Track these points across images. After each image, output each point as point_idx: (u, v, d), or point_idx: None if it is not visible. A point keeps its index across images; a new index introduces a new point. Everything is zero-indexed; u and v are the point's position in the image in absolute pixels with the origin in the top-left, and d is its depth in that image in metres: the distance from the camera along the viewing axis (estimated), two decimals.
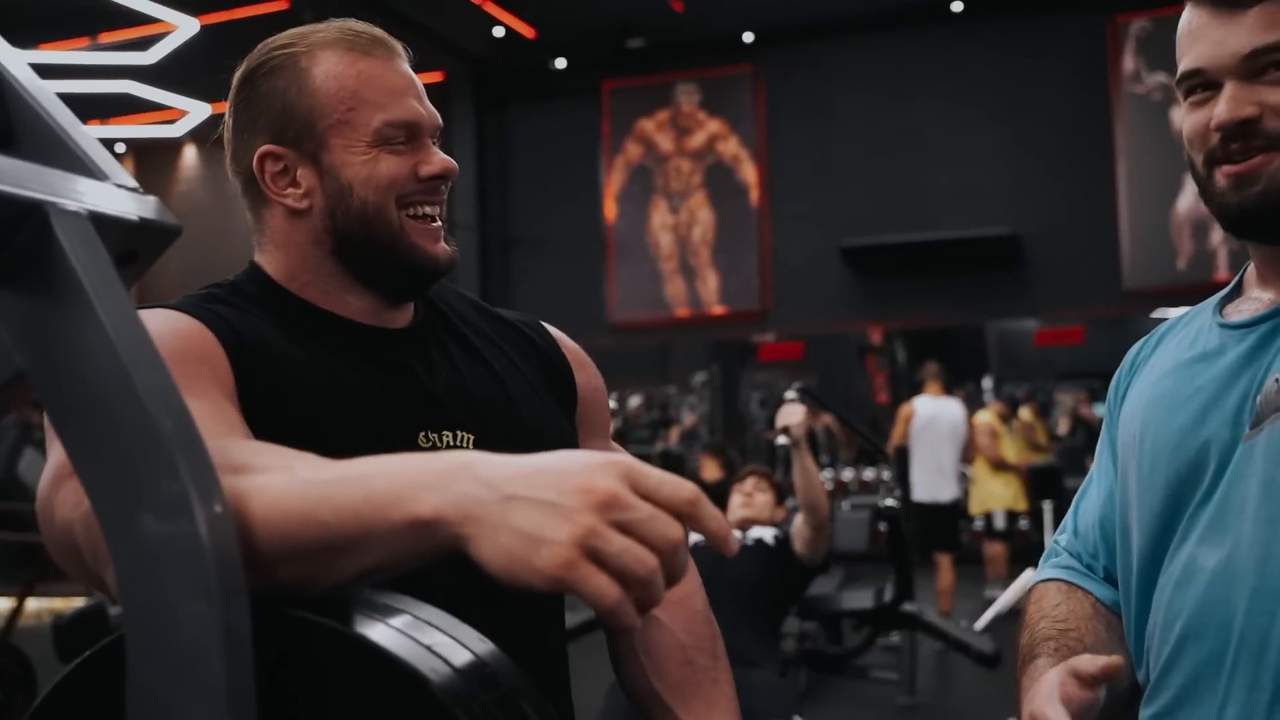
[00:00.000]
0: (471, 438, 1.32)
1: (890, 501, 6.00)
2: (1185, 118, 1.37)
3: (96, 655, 0.95)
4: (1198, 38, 1.32)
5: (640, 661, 1.47)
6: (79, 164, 1.05)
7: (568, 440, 1.41)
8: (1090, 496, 1.59)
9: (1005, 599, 4.27)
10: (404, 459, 0.97)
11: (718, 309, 14.21)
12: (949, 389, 9.27)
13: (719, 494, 5.69)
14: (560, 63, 14.39)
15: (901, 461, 8.10)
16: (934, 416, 8.67)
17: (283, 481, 1.03)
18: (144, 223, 1.04)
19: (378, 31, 1.38)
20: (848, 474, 12.41)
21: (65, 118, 1.09)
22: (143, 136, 14.38)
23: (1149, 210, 12.24)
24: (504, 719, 0.87)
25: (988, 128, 12.96)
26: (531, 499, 0.86)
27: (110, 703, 0.89)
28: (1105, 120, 12.63)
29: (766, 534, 4.32)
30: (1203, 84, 1.33)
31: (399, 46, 1.38)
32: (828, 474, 11.86)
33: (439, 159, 1.36)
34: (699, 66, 14.22)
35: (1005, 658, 4.47)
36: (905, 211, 13.25)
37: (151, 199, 1.09)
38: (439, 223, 1.38)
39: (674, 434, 14.60)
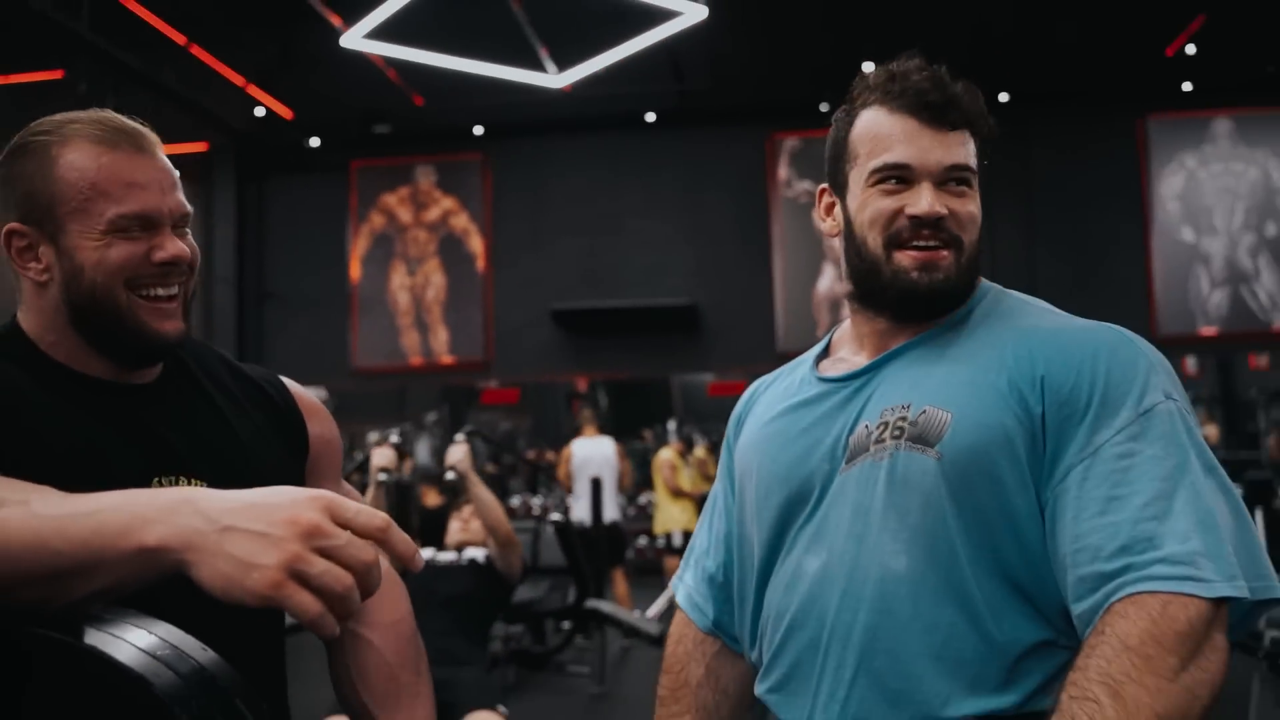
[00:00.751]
0: (204, 483, 1.26)
1: (556, 517, 6.14)
2: (870, 202, 1.39)
3: None
4: (906, 140, 1.36)
5: (352, 678, 1.44)
6: None
7: (286, 480, 1.38)
8: (718, 513, 1.64)
9: (668, 595, 4.43)
10: (131, 494, 0.95)
11: (447, 358, 14.04)
12: (603, 430, 9.69)
13: (439, 518, 5.61)
14: (315, 141, 14.00)
15: (595, 491, 8.20)
16: (589, 455, 8.99)
17: (18, 515, 0.98)
18: None
19: (130, 126, 1.30)
20: (516, 500, 12.49)
21: None
22: None
23: (797, 289, 12.81)
24: (221, 717, 0.86)
25: (673, 216, 13.31)
26: (245, 529, 0.88)
27: None
28: (764, 216, 13.14)
29: (479, 554, 4.32)
30: (899, 177, 1.36)
31: (148, 140, 1.31)
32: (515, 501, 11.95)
33: (172, 247, 1.29)
34: (436, 152, 14.08)
35: None
36: (605, 282, 13.43)
37: None
38: (173, 303, 1.30)
39: (408, 465, 14.31)
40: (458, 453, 4.34)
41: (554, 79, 10.29)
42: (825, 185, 1.50)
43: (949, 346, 1.39)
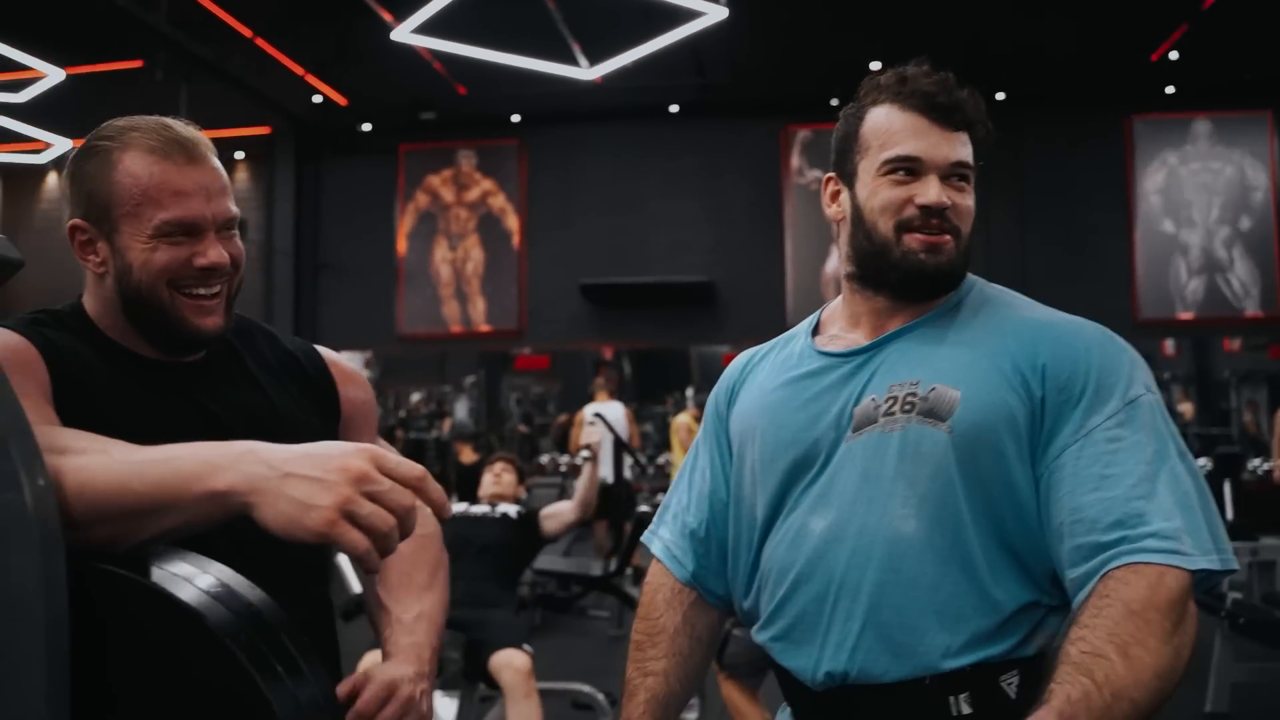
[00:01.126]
0: None
1: (585, 454, 6.17)
2: (881, 190, 1.40)
3: None
4: (916, 135, 1.38)
5: (375, 580, 1.48)
6: None
7: None
8: (699, 472, 1.64)
9: None
10: (200, 445, 1.01)
11: (484, 327, 14.10)
12: (614, 395, 9.70)
13: (473, 474, 5.67)
14: (366, 126, 14.02)
15: (617, 452, 8.26)
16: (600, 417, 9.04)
17: (101, 460, 1.04)
18: None
19: (185, 135, 1.31)
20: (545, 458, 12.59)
21: None
22: (12, 162, 13.43)
23: (807, 269, 12.81)
24: (266, 648, 0.89)
25: (693, 199, 13.30)
26: (303, 475, 0.93)
27: None
28: (778, 201, 13.12)
29: (511, 509, 4.36)
30: (909, 169, 1.38)
31: (200, 150, 1.31)
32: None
33: (213, 253, 1.30)
34: (476, 138, 14.08)
35: None
36: (630, 258, 13.44)
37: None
38: (214, 300, 1.32)
39: (446, 424, 14.40)
40: (596, 434, 4.48)
41: (586, 72, 10.28)
42: (832, 174, 1.52)
43: (949, 330, 1.42)
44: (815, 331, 1.57)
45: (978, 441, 1.31)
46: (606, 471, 8.66)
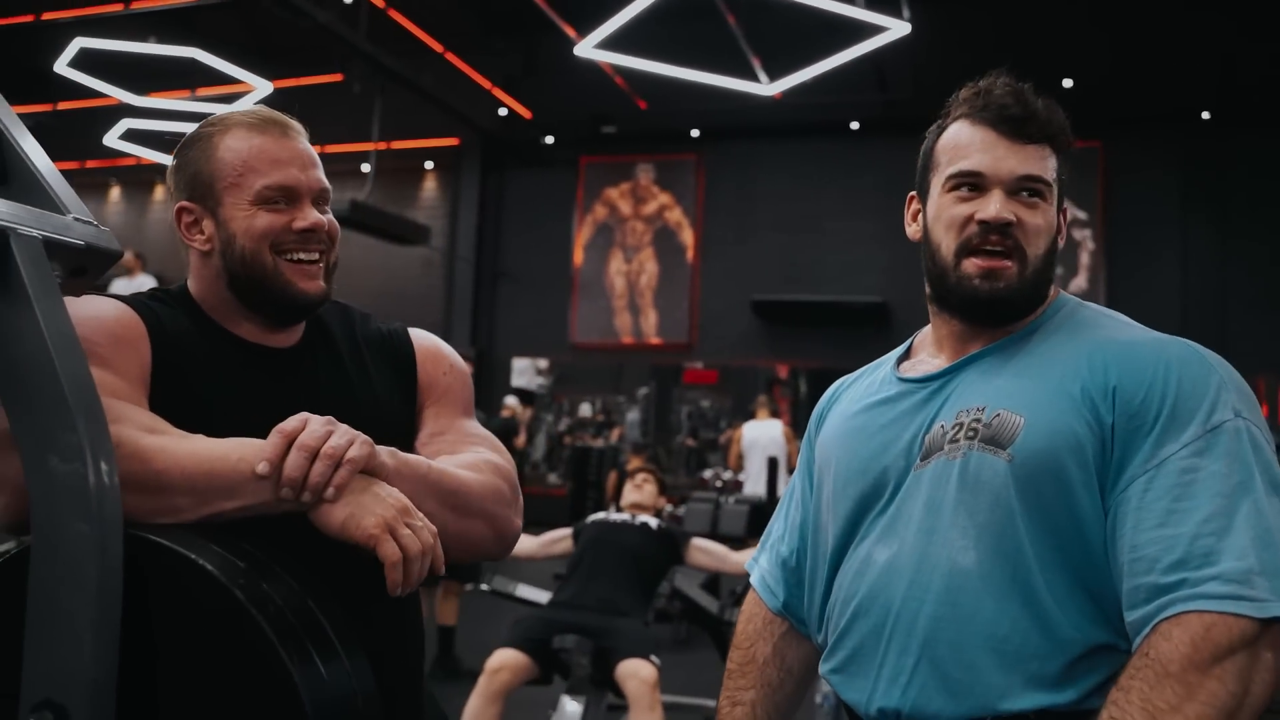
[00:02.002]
0: None
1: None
2: (947, 207, 1.35)
3: (9, 559, 1.01)
4: (983, 149, 1.32)
5: None
6: (48, 201, 1.11)
7: (397, 426, 1.43)
8: (795, 502, 1.61)
9: None
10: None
11: (655, 339, 14.25)
12: (774, 414, 9.77)
13: None
14: (549, 139, 14.41)
15: (772, 470, 8.24)
16: (756, 437, 9.02)
17: (190, 442, 1.13)
18: (89, 246, 1.10)
19: (279, 115, 1.39)
20: (709, 473, 12.46)
21: (45, 165, 1.15)
22: None
23: None
24: (292, 616, 0.94)
25: (869, 218, 13.06)
26: (361, 488, 1.13)
27: (16, 592, 0.95)
28: None
29: (651, 520, 4.38)
30: (972, 184, 1.33)
31: (292, 126, 1.39)
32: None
33: (311, 216, 1.36)
34: (655, 152, 14.28)
35: None
36: (803, 276, 13.33)
37: (100, 229, 1.15)
38: (315, 265, 1.37)
39: (615, 433, 14.61)
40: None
41: (765, 87, 10.26)
42: (913, 193, 1.47)
43: (1024, 354, 1.34)
44: (907, 356, 1.52)
45: (1041, 470, 1.22)
46: (759, 488, 8.63)
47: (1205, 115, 11.62)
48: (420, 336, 1.55)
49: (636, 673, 3.61)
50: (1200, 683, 1.07)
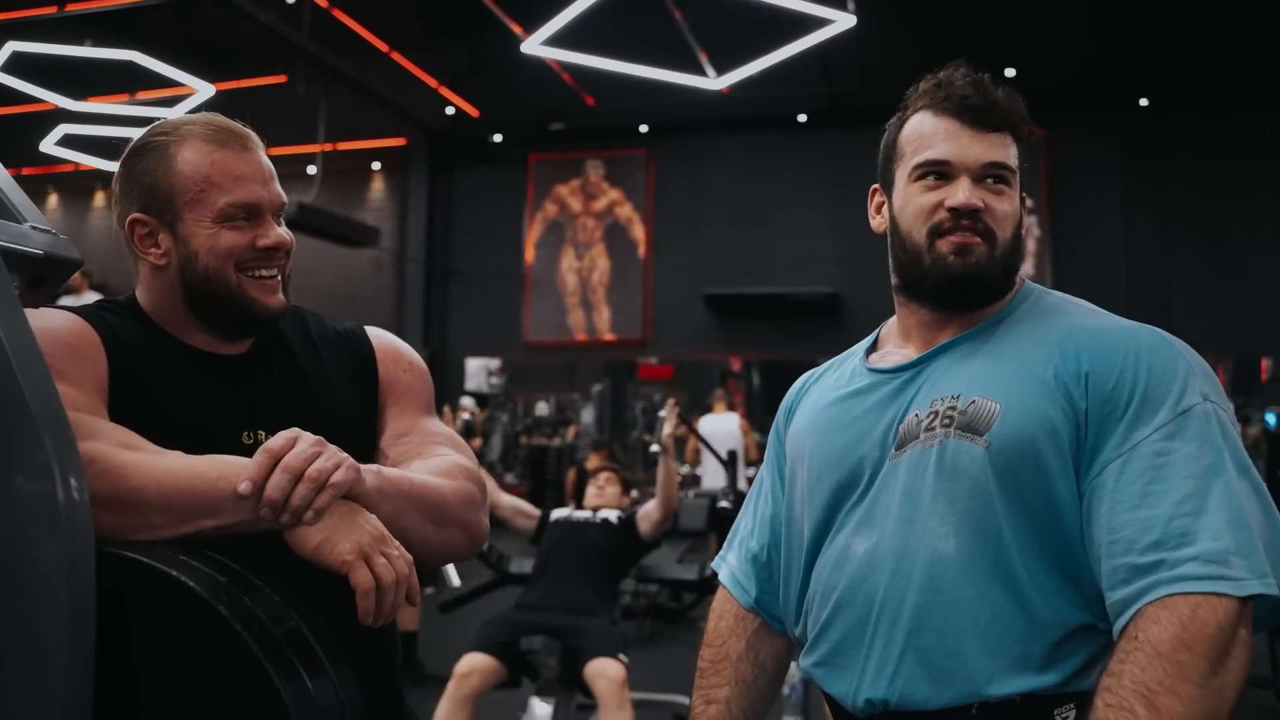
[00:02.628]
0: None
1: (724, 504, 6.16)
2: (914, 196, 1.37)
3: None
4: (947, 138, 1.34)
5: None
6: (3, 209, 1.07)
7: (359, 426, 1.42)
8: (763, 497, 1.61)
9: None
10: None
11: (609, 335, 14.23)
12: (730, 408, 9.78)
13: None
14: (497, 137, 14.33)
15: (732, 464, 8.26)
16: (713, 430, 9.09)
17: (167, 459, 1.10)
18: (48, 256, 1.07)
19: (237, 127, 1.36)
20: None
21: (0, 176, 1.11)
22: None
23: None
24: (277, 631, 0.91)
25: (819, 210, 13.15)
26: (338, 514, 1.11)
27: None
28: None
29: (611, 515, 4.37)
30: (939, 173, 1.35)
31: (251, 138, 1.36)
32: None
33: (274, 234, 1.34)
34: (605, 148, 14.26)
35: None
36: (755, 269, 13.38)
37: (59, 237, 1.11)
38: (275, 280, 1.36)
39: (571, 431, 14.57)
40: (667, 428, 4.47)
41: (713, 82, 10.27)
42: (876, 185, 1.47)
43: (996, 341, 1.36)
44: (874, 348, 1.52)
45: (1016, 455, 1.24)
46: (718, 482, 8.65)
47: (1144, 102, 11.80)
48: (378, 335, 1.53)
49: (605, 672, 3.59)
50: (1191, 662, 1.09)
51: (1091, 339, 1.29)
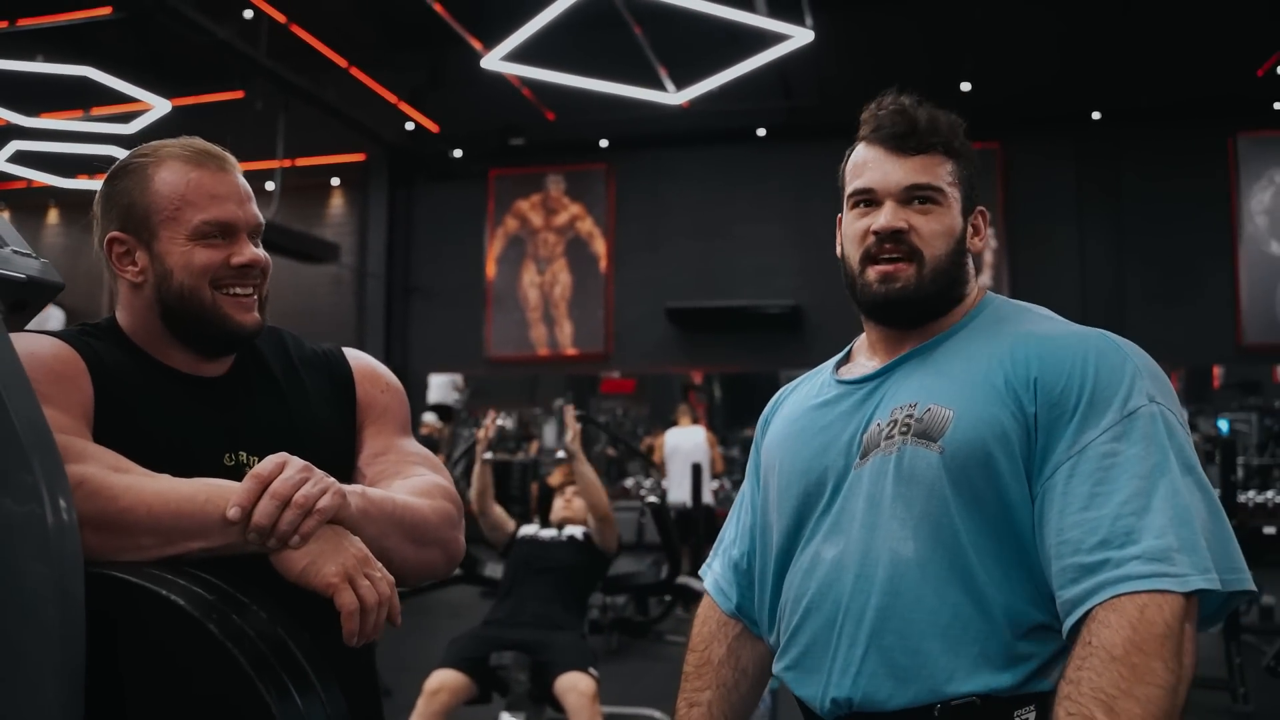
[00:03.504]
0: (256, 458, 1.32)
1: (653, 499, 6.17)
2: (851, 223, 1.46)
3: None
4: (873, 167, 1.43)
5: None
6: None
7: (337, 445, 1.44)
8: (744, 507, 1.66)
9: None
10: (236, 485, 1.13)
11: (571, 350, 14.23)
12: (695, 421, 10.02)
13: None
14: (457, 153, 14.30)
15: (696, 476, 8.28)
16: (679, 444, 9.15)
17: (156, 481, 1.11)
18: (30, 280, 1.07)
19: (214, 149, 1.38)
20: (630, 482, 12.54)
21: None
22: None
23: None
24: (265, 647, 0.92)
25: (779, 223, 13.24)
26: (323, 537, 1.13)
27: None
28: None
29: (578, 530, 4.38)
30: (868, 200, 1.43)
31: (228, 159, 1.39)
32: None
33: (248, 252, 1.36)
34: (565, 163, 14.27)
35: None
36: (717, 283, 13.43)
37: (40, 261, 1.12)
38: (251, 298, 1.38)
39: (534, 447, 14.53)
40: (569, 433, 4.47)
41: (673, 96, 10.33)
42: (840, 214, 1.54)
43: (951, 352, 1.41)
44: (846, 360, 1.58)
45: (969, 460, 1.28)
46: (684, 495, 8.67)
47: (1096, 115, 12.02)
48: (356, 356, 1.56)
49: (575, 685, 3.60)
50: (1145, 664, 1.12)
51: (1040, 345, 1.34)
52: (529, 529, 4.45)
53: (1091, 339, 1.33)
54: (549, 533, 4.37)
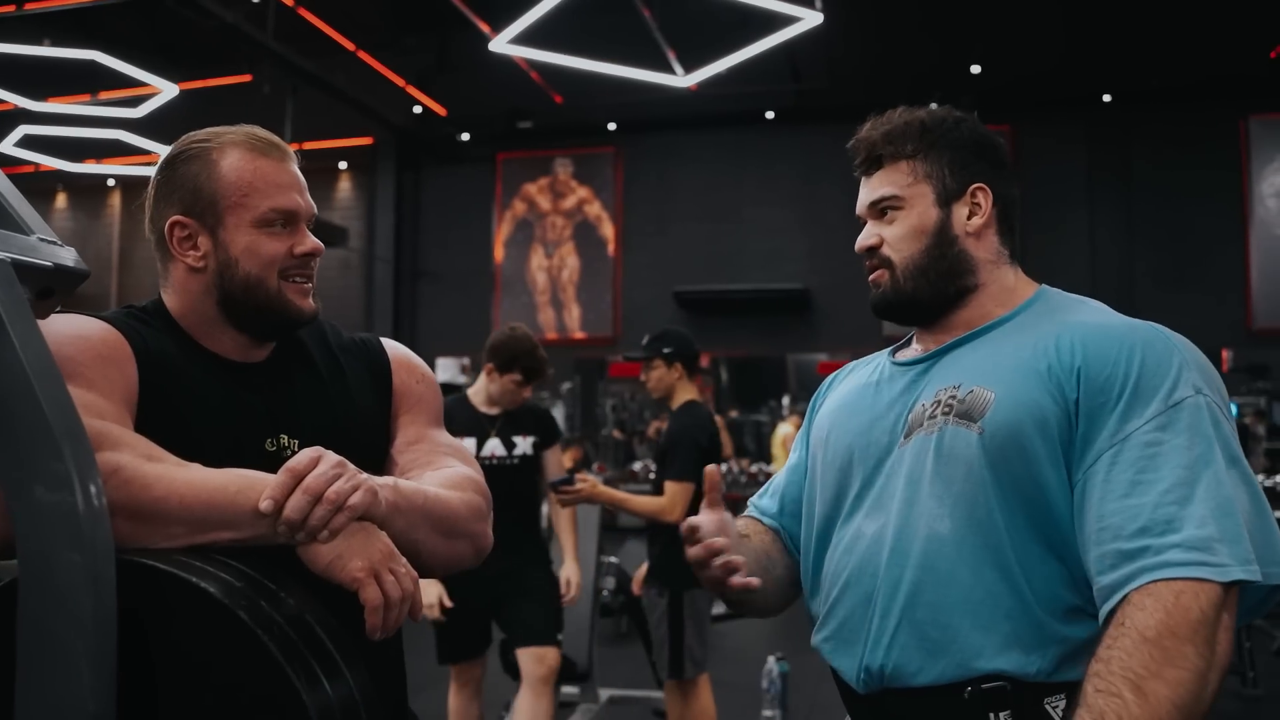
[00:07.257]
0: (298, 442, 1.35)
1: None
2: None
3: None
4: (859, 195, 1.53)
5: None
6: (11, 222, 1.08)
7: (373, 433, 1.46)
8: (787, 468, 1.71)
9: None
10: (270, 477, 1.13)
11: (579, 334, 14.24)
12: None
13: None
14: (465, 136, 14.30)
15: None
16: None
17: (189, 471, 1.13)
18: (57, 268, 1.07)
19: (275, 138, 1.41)
20: (638, 465, 12.49)
21: (3, 184, 1.12)
22: (130, 174, 13.97)
23: None
24: (294, 634, 0.93)
25: (788, 206, 13.23)
26: (352, 532, 1.14)
27: (6, 626, 0.92)
28: None
29: (527, 445, 4.22)
30: (861, 222, 1.54)
31: (289, 151, 1.41)
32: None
33: (310, 241, 1.39)
34: (573, 146, 14.26)
35: None
36: (725, 266, 13.44)
37: (67, 249, 1.12)
38: (310, 284, 1.41)
39: None
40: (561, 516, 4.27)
41: (681, 79, 10.30)
42: None
43: (1002, 338, 1.43)
44: (908, 343, 1.62)
45: (1008, 441, 1.30)
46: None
47: (1106, 98, 11.96)
48: (393, 346, 1.58)
49: (537, 655, 3.64)
50: (1177, 648, 1.13)
51: (1086, 333, 1.35)
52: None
53: (1140, 329, 1.35)
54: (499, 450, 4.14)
